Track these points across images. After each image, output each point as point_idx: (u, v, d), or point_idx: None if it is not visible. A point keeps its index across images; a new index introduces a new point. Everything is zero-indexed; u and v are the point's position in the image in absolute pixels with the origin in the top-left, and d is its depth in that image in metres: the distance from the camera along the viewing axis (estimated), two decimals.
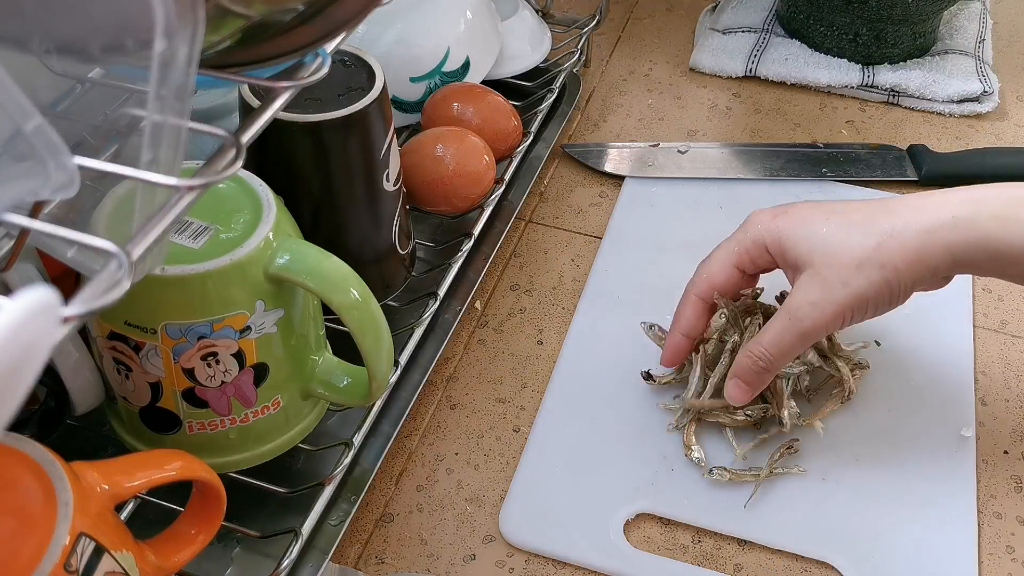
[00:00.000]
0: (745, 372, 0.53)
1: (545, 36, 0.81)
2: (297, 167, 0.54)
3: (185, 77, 0.26)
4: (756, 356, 0.53)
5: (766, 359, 0.53)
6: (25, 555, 0.33)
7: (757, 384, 0.54)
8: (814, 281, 0.51)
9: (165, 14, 0.24)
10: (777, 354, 0.52)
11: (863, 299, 0.51)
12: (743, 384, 0.54)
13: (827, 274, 0.51)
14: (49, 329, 0.22)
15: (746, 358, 0.53)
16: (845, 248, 0.51)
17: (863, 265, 0.50)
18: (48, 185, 0.26)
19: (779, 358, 0.53)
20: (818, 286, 0.51)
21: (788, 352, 0.53)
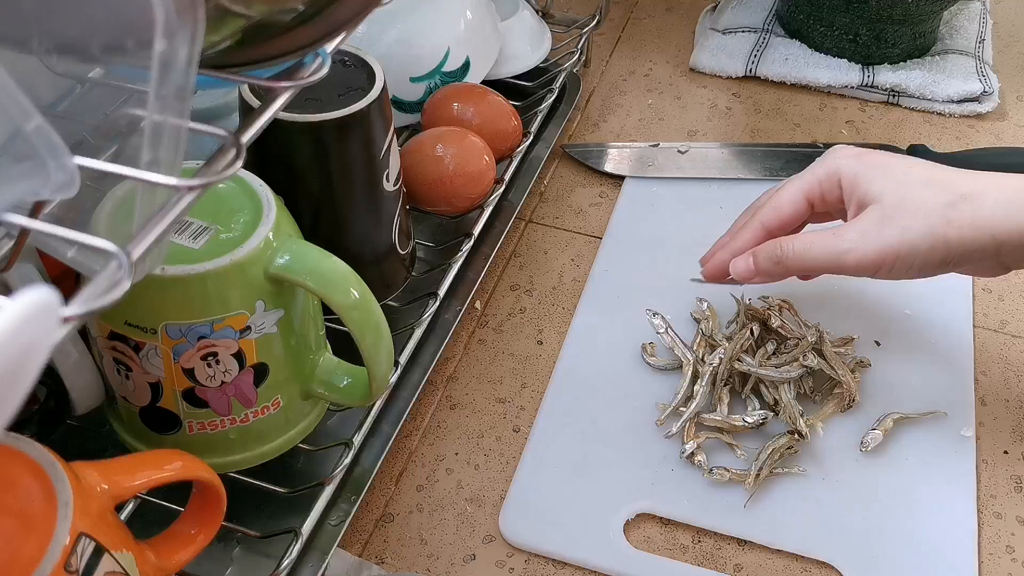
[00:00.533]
0: (762, 254, 0.54)
1: (545, 36, 0.81)
2: (297, 167, 0.54)
3: (185, 77, 0.26)
4: (781, 247, 0.53)
5: (788, 255, 0.52)
6: (25, 555, 0.33)
7: (764, 272, 0.54)
8: (873, 215, 0.50)
9: (165, 14, 0.24)
10: (799, 257, 0.52)
11: (914, 249, 0.49)
12: (752, 264, 0.54)
13: (890, 213, 0.50)
14: (49, 329, 0.22)
15: (772, 244, 0.54)
16: (918, 196, 0.50)
17: (929, 216, 0.49)
18: (48, 185, 0.26)
19: (798, 262, 0.52)
20: (875, 221, 0.50)
21: (810, 264, 0.52)
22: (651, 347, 0.61)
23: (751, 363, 0.58)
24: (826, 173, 0.53)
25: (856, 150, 0.54)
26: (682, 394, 0.58)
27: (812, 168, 0.54)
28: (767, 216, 0.55)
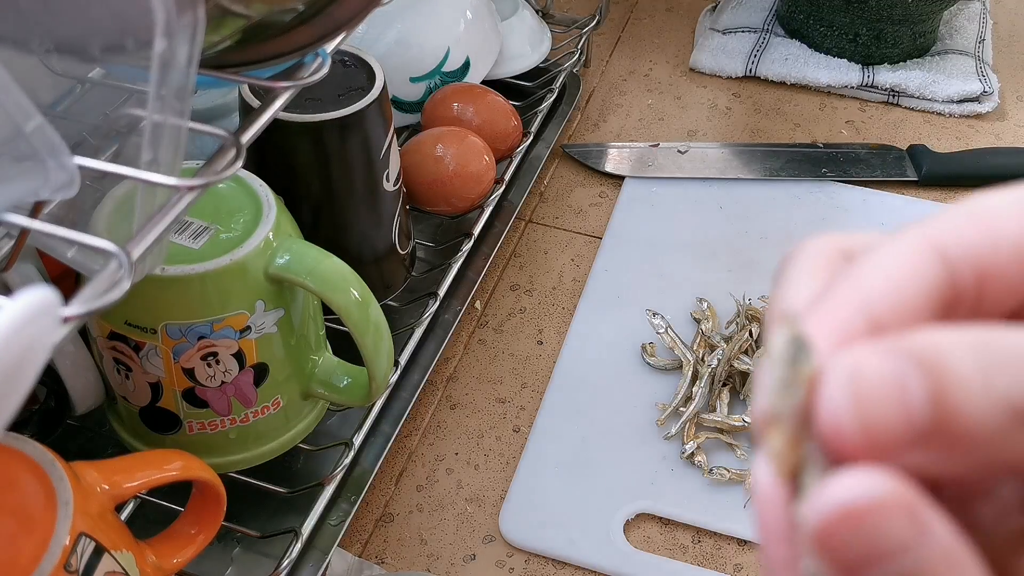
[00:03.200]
0: None
1: (545, 36, 0.81)
2: (297, 167, 0.54)
3: (185, 77, 0.26)
4: None
5: None
6: (25, 555, 0.33)
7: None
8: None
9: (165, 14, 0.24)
10: None
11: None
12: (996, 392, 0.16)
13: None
14: (49, 329, 0.22)
15: None
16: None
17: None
18: (48, 185, 0.26)
19: None
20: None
21: None
22: (651, 347, 0.61)
23: (750, 363, 0.58)
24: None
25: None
26: (682, 394, 0.58)
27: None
28: (958, 235, 0.17)
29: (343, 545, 0.52)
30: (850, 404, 0.15)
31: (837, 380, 0.15)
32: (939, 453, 0.15)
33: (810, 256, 0.19)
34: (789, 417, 0.16)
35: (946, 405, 0.15)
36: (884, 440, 0.15)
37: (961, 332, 0.15)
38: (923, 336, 0.16)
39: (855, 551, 0.14)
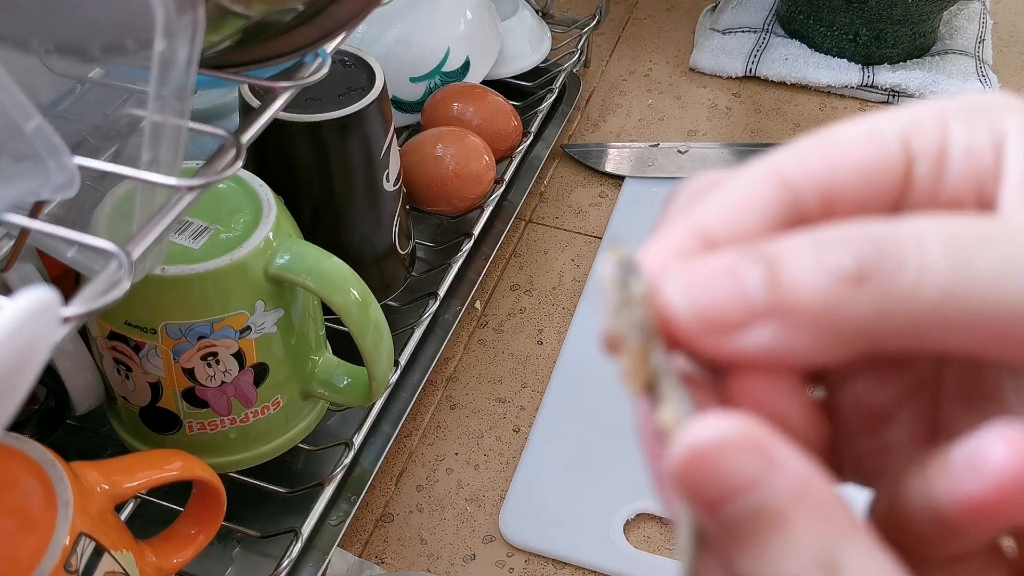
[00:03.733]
0: (826, 252, 0.19)
1: (545, 36, 0.81)
2: (297, 167, 0.54)
3: (185, 77, 0.26)
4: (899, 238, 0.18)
5: (919, 262, 0.18)
6: (25, 555, 0.33)
7: (812, 301, 0.18)
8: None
9: (165, 14, 0.24)
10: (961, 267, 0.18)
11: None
12: (777, 275, 0.18)
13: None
14: (49, 329, 0.22)
15: (858, 229, 0.18)
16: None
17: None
18: (48, 185, 0.26)
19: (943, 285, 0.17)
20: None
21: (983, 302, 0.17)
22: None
23: None
24: (966, 112, 0.19)
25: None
26: None
27: (921, 106, 0.20)
28: (801, 162, 0.19)
29: (343, 545, 0.52)
30: (684, 295, 0.17)
31: (673, 279, 0.17)
32: (784, 332, 0.16)
33: (682, 195, 0.20)
34: (632, 334, 0.17)
35: (780, 280, 0.16)
36: (721, 321, 0.16)
37: (796, 232, 0.17)
38: (758, 239, 0.17)
39: (709, 489, 0.15)
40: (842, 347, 0.16)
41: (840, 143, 0.19)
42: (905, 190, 0.19)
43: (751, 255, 0.17)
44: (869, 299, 0.16)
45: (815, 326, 0.16)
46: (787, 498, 0.15)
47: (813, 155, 0.19)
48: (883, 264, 0.16)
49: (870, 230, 0.16)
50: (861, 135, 0.19)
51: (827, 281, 0.16)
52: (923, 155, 0.18)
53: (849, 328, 0.16)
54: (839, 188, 0.18)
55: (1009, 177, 0.18)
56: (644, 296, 0.17)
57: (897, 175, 0.19)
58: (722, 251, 0.17)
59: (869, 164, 0.19)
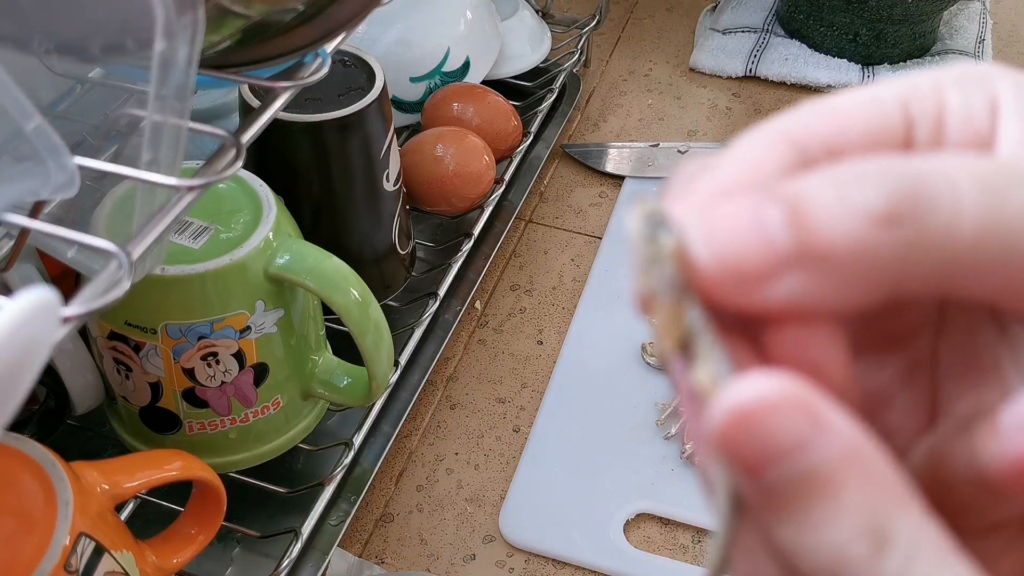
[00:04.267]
0: (860, 185, 0.17)
1: (545, 36, 0.81)
2: (297, 167, 0.54)
3: (185, 77, 0.26)
4: (935, 173, 0.17)
5: (961, 198, 0.16)
6: (25, 555, 0.33)
7: (850, 243, 0.17)
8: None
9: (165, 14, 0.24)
10: (998, 205, 0.17)
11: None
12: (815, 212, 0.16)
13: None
14: (49, 329, 0.22)
15: (891, 163, 0.17)
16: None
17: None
18: (48, 185, 0.26)
19: (981, 224, 0.16)
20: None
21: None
22: (651, 347, 0.61)
23: None
24: (960, 79, 0.19)
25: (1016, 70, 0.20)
26: None
27: (914, 76, 0.20)
28: (806, 125, 0.19)
29: (343, 545, 0.52)
30: (706, 245, 0.16)
31: (696, 231, 0.16)
32: (815, 278, 0.15)
33: (680, 176, 0.19)
34: (663, 291, 0.16)
35: (806, 224, 0.15)
36: (749, 273, 0.15)
37: (812, 171, 0.16)
38: (775, 181, 0.16)
39: (752, 452, 0.14)
40: (871, 292, 0.16)
41: (843, 108, 0.19)
42: (908, 152, 0.18)
43: (771, 196, 0.16)
44: (903, 240, 0.15)
45: (846, 271, 0.15)
46: (836, 462, 0.14)
47: (817, 119, 0.19)
48: (917, 202, 0.15)
49: (897, 165, 0.16)
50: (862, 101, 0.19)
51: (857, 222, 0.15)
52: (922, 119, 0.19)
53: (881, 272, 0.15)
54: (848, 148, 0.18)
55: (1005, 136, 0.18)
56: (674, 250, 0.16)
57: (899, 137, 0.18)
58: (740, 195, 0.16)
59: (873, 126, 0.18)
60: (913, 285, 0.16)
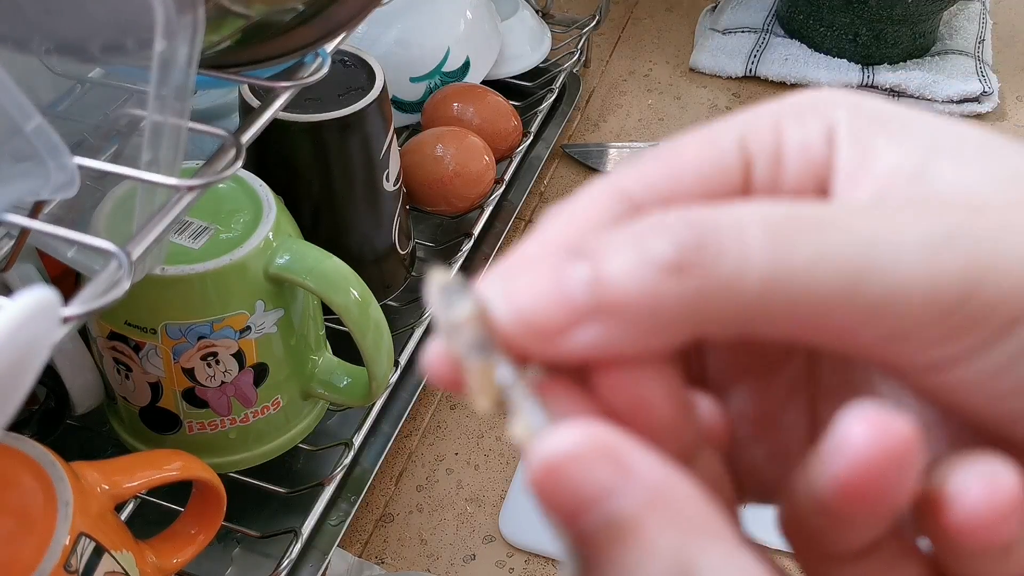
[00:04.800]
0: (646, 236, 0.17)
1: (545, 36, 0.81)
2: (297, 167, 0.54)
3: (185, 77, 0.26)
4: (705, 222, 0.16)
5: (729, 244, 0.16)
6: (25, 555, 0.33)
7: (631, 291, 0.17)
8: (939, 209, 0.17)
9: (165, 14, 0.24)
10: (772, 248, 0.16)
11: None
12: (599, 268, 0.16)
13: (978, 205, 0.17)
14: (49, 329, 0.22)
15: (673, 216, 0.17)
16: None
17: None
18: (48, 185, 0.26)
19: (763, 265, 0.16)
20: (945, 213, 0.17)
21: (795, 278, 0.16)
22: None
23: None
24: (797, 110, 0.19)
25: (853, 93, 0.20)
26: None
27: (755, 109, 0.20)
28: (641, 175, 0.19)
29: (343, 545, 0.52)
30: (506, 303, 0.16)
31: (495, 289, 0.16)
32: (609, 328, 0.16)
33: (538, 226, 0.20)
34: (470, 354, 0.16)
35: (601, 276, 0.16)
36: (546, 326, 0.16)
37: (620, 225, 0.17)
38: (590, 237, 0.17)
39: (565, 501, 0.15)
40: (668, 337, 0.16)
41: (679, 154, 0.19)
42: (746, 191, 0.19)
43: (573, 253, 0.16)
44: (690, 288, 0.15)
45: (638, 319, 0.16)
46: (640, 506, 0.15)
47: (652, 168, 0.19)
48: (703, 251, 0.15)
49: (689, 215, 0.16)
50: (698, 143, 0.19)
51: (646, 272, 0.16)
52: (760, 155, 0.19)
53: (672, 318, 0.16)
54: (680, 196, 0.18)
55: (840, 163, 0.18)
56: (475, 313, 0.16)
57: (736, 177, 0.19)
58: (547, 256, 0.17)
59: (708, 169, 0.19)
60: (711, 329, 0.16)
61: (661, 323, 0.16)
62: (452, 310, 0.16)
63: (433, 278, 0.17)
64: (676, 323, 0.16)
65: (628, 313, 0.16)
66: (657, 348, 0.16)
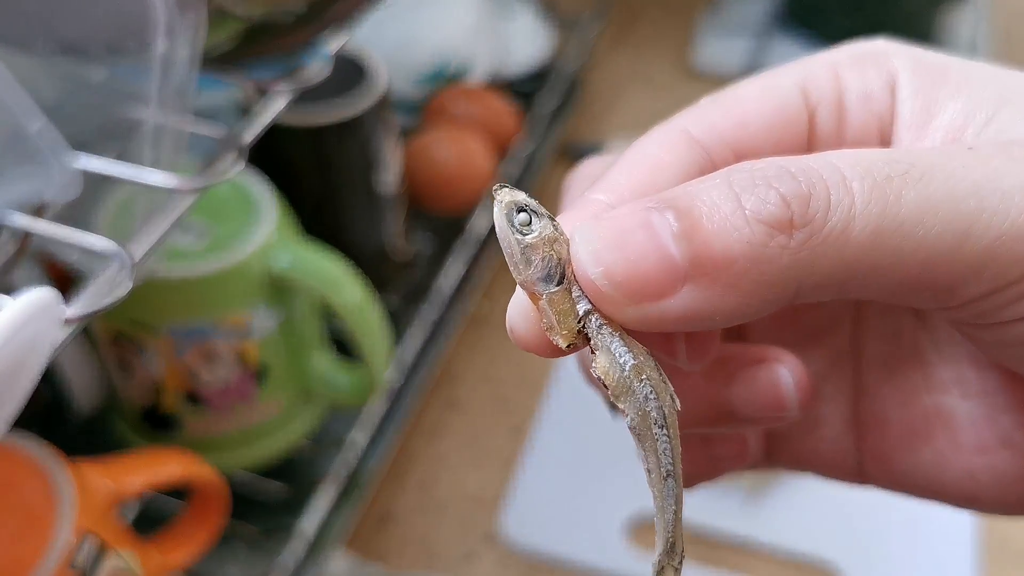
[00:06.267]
0: (745, 188, 0.16)
1: (545, 36, 0.81)
2: (297, 168, 0.54)
3: (186, 77, 0.26)
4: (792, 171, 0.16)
5: (847, 200, 0.15)
6: (30, 553, 0.33)
7: (744, 245, 0.16)
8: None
9: (166, 15, 0.25)
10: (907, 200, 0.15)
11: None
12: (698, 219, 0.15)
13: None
14: (51, 329, 0.22)
15: (774, 164, 0.16)
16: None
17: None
18: (51, 186, 0.26)
19: (873, 226, 0.15)
20: None
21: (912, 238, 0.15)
22: None
23: None
24: (854, 59, 0.19)
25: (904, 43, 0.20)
26: None
27: (809, 58, 0.21)
28: (708, 122, 0.20)
29: (344, 544, 0.52)
30: (590, 255, 0.15)
31: (582, 240, 0.15)
32: (711, 291, 0.15)
33: (578, 178, 0.20)
34: (543, 285, 0.15)
35: (697, 231, 0.15)
36: (645, 288, 0.15)
37: (708, 176, 0.15)
38: (669, 189, 0.16)
39: None
40: (769, 300, 0.15)
41: (741, 100, 0.19)
42: (812, 140, 0.19)
43: (662, 203, 0.15)
44: (800, 244, 0.14)
45: (743, 280, 0.14)
46: None
47: (717, 114, 0.19)
48: (811, 204, 0.14)
49: (790, 166, 0.15)
50: (759, 91, 0.19)
51: (755, 229, 0.14)
52: (822, 103, 0.19)
53: (777, 279, 0.15)
54: (749, 144, 0.18)
55: (903, 113, 0.18)
56: (550, 237, 0.15)
57: (801, 126, 0.18)
58: (632, 206, 0.15)
59: (773, 117, 0.18)
60: (811, 290, 0.15)
61: (765, 285, 0.15)
62: (523, 231, 0.15)
63: (501, 195, 0.16)
64: (780, 284, 0.15)
65: (732, 275, 0.14)
66: (753, 314, 0.15)
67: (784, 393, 0.18)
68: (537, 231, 0.15)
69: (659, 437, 0.15)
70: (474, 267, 0.65)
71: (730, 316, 0.15)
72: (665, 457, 0.16)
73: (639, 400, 0.15)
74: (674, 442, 0.16)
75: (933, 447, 0.19)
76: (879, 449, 0.20)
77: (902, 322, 0.20)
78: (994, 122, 0.17)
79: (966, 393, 0.19)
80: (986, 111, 0.17)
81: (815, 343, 0.21)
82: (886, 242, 0.15)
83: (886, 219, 0.15)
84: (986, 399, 0.19)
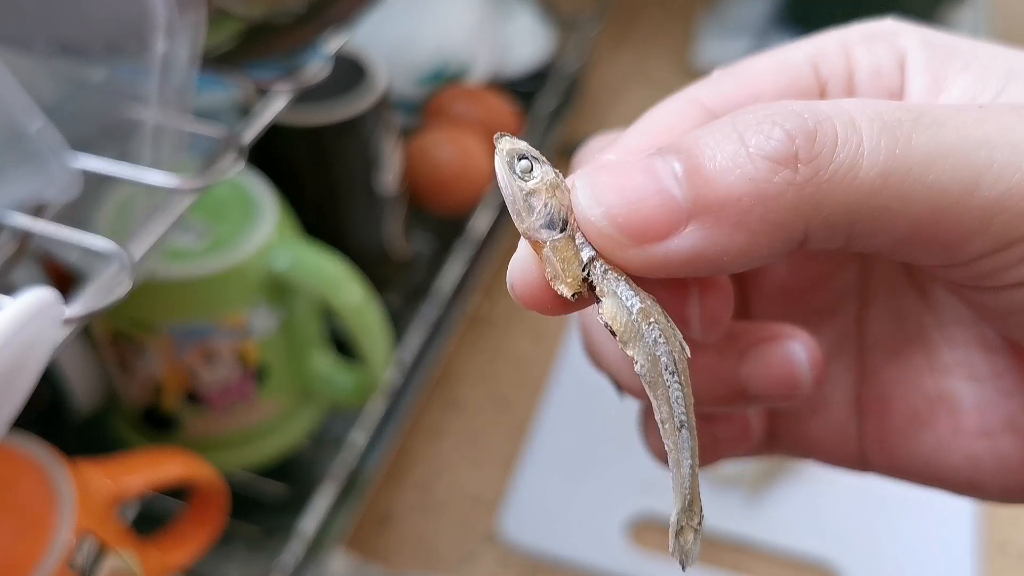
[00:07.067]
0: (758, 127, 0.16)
1: (545, 36, 0.81)
2: (297, 168, 0.54)
3: (186, 77, 0.26)
4: (824, 112, 0.16)
5: (854, 140, 0.15)
6: (29, 553, 0.33)
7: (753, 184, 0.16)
8: None
9: (166, 15, 0.25)
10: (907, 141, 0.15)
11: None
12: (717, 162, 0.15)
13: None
14: (50, 329, 0.22)
15: (787, 106, 0.16)
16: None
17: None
18: (51, 186, 0.26)
19: (884, 165, 0.15)
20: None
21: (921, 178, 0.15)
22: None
23: None
24: (864, 36, 0.21)
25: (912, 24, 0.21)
26: None
27: (820, 35, 0.21)
28: (721, 93, 0.21)
29: (344, 544, 0.52)
30: (591, 198, 0.15)
31: (583, 184, 0.16)
32: (715, 230, 0.14)
33: (588, 150, 0.20)
34: (545, 232, 0.15)
35: (701, 170, 0.14)
36: (648, 228, 0.15)
37: (713, 121, 0.15)
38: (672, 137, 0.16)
39: None
40: (775, 241, 0.15)
41: (753, 73, 0.19)
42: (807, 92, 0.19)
43: (665, 149, 0.15)
44: (805, 180, 0.14)
45: (747, 219, 0.14)
46: None
47: (730, 86, 0.19)
48: (818, 141, 0.14)
49: (796, 106, 0.15)
50: (772, 65, 0.19)
51: (758, 164, 0.14)
52: (833, 78, 0.19)
53: (783, 218, 0.14)
54: (767, 91, 0.18)
55: (913, 89, 0.18)
56: (552, 183, 0.15)
57: (813, 99, 0.18)
58: (635, 154, 0.15)
59: (786, 91, 0.18)
60: (818, 233, 0.15)
61: (772, 223, 0.14)
62: (524, 177, 0.15)
63: (501, 143, 0.16)
64: (788, 223, 0.14)
65: (736, 212, 0.14)
66: (759, 258, 0.15)
67: (798, 370, 0.19)
68: (539, 176, 0.16)
69: (671, 384, 0.15)
70: (474, 267, 0.65)
71: (739, 258, 0.15)
72: (678, 406, 0.15)
73: (648, 344, 0.15)
74: (686, 390, 0.15)
75: (936, 431, 0.19)
76: (881, 433, 0.20)
77: (907, 303, 0.20)
78: (1003, 95, 0.17)
79: (972, 376, 0.19)
80: (995, 85, 0.17)
81: (820, 325, 0.21)
82: (895, 185, 0.14)
83: (895, 160, 0.14)
84: (992, 382, 0.19)
